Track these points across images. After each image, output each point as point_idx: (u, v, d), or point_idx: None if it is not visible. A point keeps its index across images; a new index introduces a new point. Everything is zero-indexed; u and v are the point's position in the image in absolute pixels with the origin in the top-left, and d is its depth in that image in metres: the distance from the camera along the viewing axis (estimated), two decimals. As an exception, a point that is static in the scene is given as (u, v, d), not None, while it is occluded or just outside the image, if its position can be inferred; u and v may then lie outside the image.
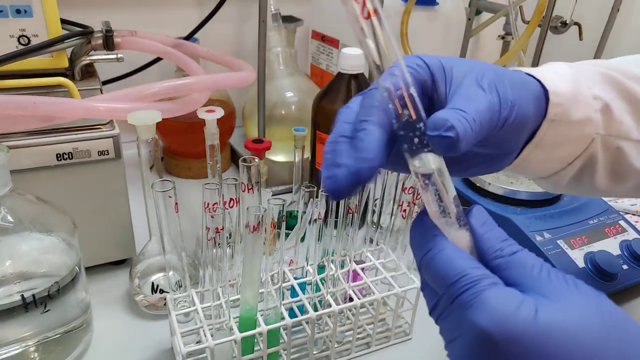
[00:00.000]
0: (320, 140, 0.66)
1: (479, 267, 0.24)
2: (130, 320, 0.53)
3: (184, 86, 0.56)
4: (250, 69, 0.64)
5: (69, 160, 0.50)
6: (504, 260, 0.25)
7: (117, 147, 0.52)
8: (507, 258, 0.25)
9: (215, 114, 0.53)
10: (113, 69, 0.76)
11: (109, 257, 0.58)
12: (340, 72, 0.63)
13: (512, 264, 0.25)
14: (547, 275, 0.24)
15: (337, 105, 0.63)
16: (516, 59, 0.87)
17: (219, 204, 0.44)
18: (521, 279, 0.24)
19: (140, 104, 0.52)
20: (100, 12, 0.79)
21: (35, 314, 0.42)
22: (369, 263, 0.55)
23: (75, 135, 0.50)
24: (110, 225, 0.55)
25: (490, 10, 0.92)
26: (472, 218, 0.27)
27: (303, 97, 0.78)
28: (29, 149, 0.48)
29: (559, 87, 0.34)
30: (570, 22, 0.82)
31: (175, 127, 0.76)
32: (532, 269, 0.24)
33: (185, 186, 0.75)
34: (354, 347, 0.51)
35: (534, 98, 0.33)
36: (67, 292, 0.44)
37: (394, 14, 0.76)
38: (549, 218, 0.65)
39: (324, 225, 0.47)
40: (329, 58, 0.87)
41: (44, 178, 0.50)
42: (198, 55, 0.71)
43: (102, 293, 0.55)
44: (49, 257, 0.44)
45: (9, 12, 0.52)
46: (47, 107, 0.47)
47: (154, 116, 0.47)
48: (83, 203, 0.52)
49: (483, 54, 1.18)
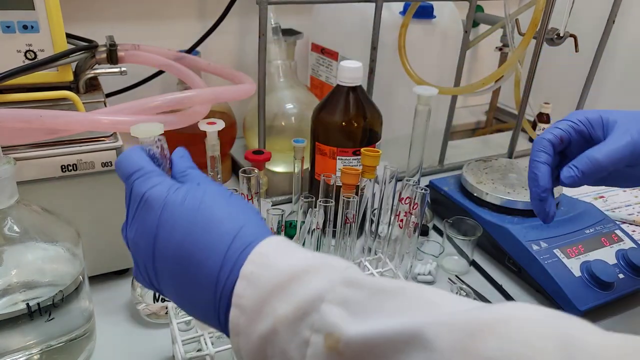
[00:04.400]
0: (319, 151, 0.67)
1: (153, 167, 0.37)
2: (132, 329, 0.54)
3: (186, 99, 0.57)
4: (251, 82, 0.65)
5: (73, 172, 0.52)
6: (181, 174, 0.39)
7: (121, 158, 0.53)
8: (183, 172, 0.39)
9: (216, 126, 0.54)
10: (116, 82, 0.77)
11: (112, 266, 0.59)
12: (339, 84, 0.64)
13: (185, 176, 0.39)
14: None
15: (336, 116, 0.65)
16: (513, 70, 0.88)
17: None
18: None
19: (143, 116, 0.53)
20: (104, 26, 0.81)
21: (39, 322, 0.43)
22: (367, 272, 0.55)
23: (80, 147, 0.51)
24: (113, 235, 0.56)
25: (487, 23, 0.94)
26: (174, 154, 0.42)
27: (303, 109, 0.80)
28: (35, 161, 0.50)
29: None
30: (565, 34, 0.83)
31: (176, 139, 0.77)
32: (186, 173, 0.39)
33: (187, 196, 0.76)
34: (353, 355, 0.51)
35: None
36: (71, 301, 0.45)
37: (392, 27, 0.77)
38: (545, 227, 0.66)
39: (322, 234, 0.48)
40: (329, 70, 0.89)
41: (49, 189, 0.51)
42: (199, 68, 0.73)
43: (104, 302, 0.56)
44: (54, 266, 0.45)
45: (16, 27, 0.54)
46: (53, 120, 0.48)
47: (156, 128, 0.48)
48: (87, 214, 0.53)
49: (480, 66, 1.20)
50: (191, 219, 0.32)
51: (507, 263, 0.66)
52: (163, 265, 0.33)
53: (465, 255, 0.66)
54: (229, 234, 0.31)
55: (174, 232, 0.32)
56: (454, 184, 0.76)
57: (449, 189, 0.75)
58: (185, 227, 0.32)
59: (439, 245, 0.70)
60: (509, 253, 0.65)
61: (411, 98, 0.66)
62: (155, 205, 0.33)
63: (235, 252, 0.31)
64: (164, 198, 0.33)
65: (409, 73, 0.79)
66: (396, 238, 0.57)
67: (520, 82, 0.93)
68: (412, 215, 0.53)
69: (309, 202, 0.49)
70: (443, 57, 0.85)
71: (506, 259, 0.66)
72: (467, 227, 0.66)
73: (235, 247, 0.31)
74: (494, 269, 0.67)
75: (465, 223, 0.67)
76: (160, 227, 0.33)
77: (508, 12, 0.80)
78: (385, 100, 0.78)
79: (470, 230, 0.66)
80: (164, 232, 0.33)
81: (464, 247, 0.66)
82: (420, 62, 0.80)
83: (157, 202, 0.33)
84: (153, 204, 0.33)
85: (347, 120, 0.64)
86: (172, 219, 0.32)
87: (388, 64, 0.80)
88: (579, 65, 0.98)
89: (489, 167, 0.78)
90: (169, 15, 0.85)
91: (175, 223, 0.32)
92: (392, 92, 0.83)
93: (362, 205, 0.54)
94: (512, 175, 0.75)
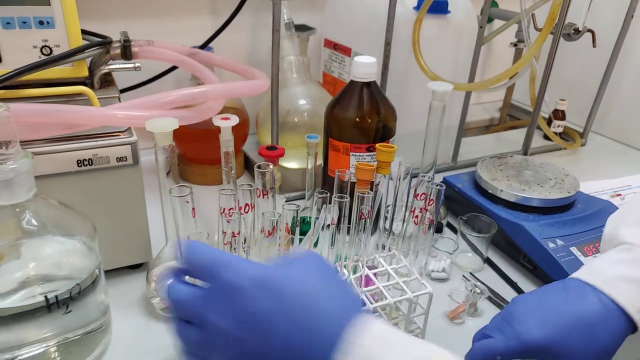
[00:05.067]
0: (332, 147, 0.67)
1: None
2: (147, 323, 0.54)
3: (200, 94, 0.57)
4: (264, 77, 0.65)
5: (89, 167, 0.52)
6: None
7: (135, 153, 0.53)
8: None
9: (230, 122, 0.54)
10: (130, 78, 0.77)
11: (126, 261, 0.59)
12: (353, 80, 0.64)
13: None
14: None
15: (350, 112, 0.64)
16: (529, 66, 0.87)
17: (234, 209, 0.45)
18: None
19: (158, 111, 0.53)
20: (118, 22, 0.81)
21: (57, 315, 0.43)
22: (382, 268, 0.55)
23: (95, 142, 0.52)
24: (128, 229, 0.57)
25: (503, 18, 0.93)
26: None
27: (316, 105, 0.79)
28: (51, 156, 0.50)
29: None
30: (583, 29, 0.82)
31: (190, 135, 0.77)
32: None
33: (200, 192, 0.76)
34: (367, 351, 0.51)
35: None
36: (88, 295, 0.45)
37: (406, 22, 0.77)
38: (561, 225, 0.65)
39: (336, 231, 0.48)
40: (341, 66, 0.89)
41: (65, 183, 0.51)
42: (213, 63, 0.73)
43: (119, 296, 0.56)
44: (70, 260, 0.46)
45: (32, 23, 0.54)
46: (69, 115, 0.48)
47: (171, 123, 0.48)
48: (101, 208, 0.54)
49: (495, 62, 1.19)
50: (295, 312, 0.32)
51: (522, 261, 0.66)
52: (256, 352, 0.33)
53: (479, 252, 0.66)
54: (334, 333, 0.31)
55: (278, 324, 0.32)
56: (468, 181, 0.76)
57: (463, 186, 0.75)
58: (290, 322, 0.32)
59: (453, 242, 0.69)
60: (525, 251, 0.64)
61: (425, 94, 0.65)
62: (257, 294, 0.33)
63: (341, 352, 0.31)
64: (266, 284, 0.33)
65: (423, 69, 0.78)
66: (410, 235, 0.57)
67: (535, 79, 0.92)
68: (427, 212, 0.53)
69: (323, 197, 0.48)
70: (457, 52, 0.84)
71: (521, 257, 0.66)
72: (482, 224, 0.66)
73: (340, 346, 0.31)
74: (508, 267, 0.67)
75: (479, 220, 0.66)
76: (264, 319, 0.32)
77: (524, 7, 0.79)
78: (398, 96, 0.78)
79: (484, 228, 0.65)
80: (267, 324, 0.32)
81: (478, 244, 0.65)
82: (434, 57, 0.79)
83: (257, 290, 0.33)
84: (250, 292, 0.33)
85: (360, 116, 0.64)
86: (275, 311, 0.32)
87: (402, 59, 0.79)
88: (596, 61, 0.97)
89: (503, 163, 0.77)
90: (182, 11, 0.85)
91: (278, 316, 0.32)
92: (406, 88, 0.82)
93: (377, 201, 0.54)
94: (527, 172, 0.74)
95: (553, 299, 0.43)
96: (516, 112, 1.21)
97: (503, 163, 0.77)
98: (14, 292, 0.42)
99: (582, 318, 0.41)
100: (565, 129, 1.05)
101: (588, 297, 0.42)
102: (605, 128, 1.08)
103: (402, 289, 0.51)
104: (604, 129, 1.08)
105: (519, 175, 0.74)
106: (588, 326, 0.41)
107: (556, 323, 0.41)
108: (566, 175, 0.74)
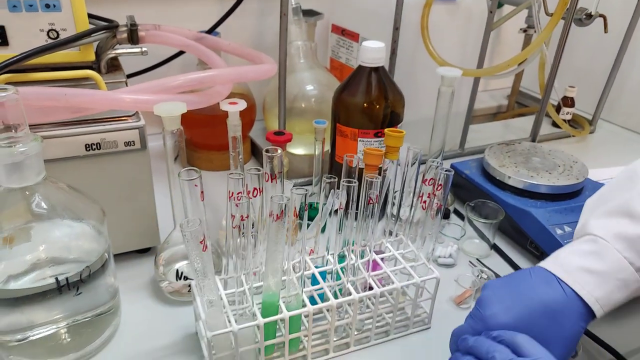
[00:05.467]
0: (340, 133, 0.66)
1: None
2: (155, 306, 0.55)
3: (207, 78, 0.57)
4: (272, 62, 0.65)
5: (97, 151, 0.52)
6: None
7: (143, 138, 0.53)
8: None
9: (238, 106, 0.54)
10: (137, 62, 0.77)
11: (135, 245, 0.59)
12: (361, 64, 0.64)
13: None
14: None
15: (358, 97, 0.64)
16: (538, 52, 0.86)
17: (243, 193, 0.45)
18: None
19: (165, 95, 0.53)
20: (125, 6, 0.80)
21: (68, 296, 0.44)
22: (389, 253, 0.55)
23: (103, 126, 0.52)
24: (136, 214, 0.57)
25: (512, 3, 0.91)
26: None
27: (323, 90, 0.79)
28: (59, 140, 0.50)
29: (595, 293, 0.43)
30: (595, 14, 0.81)
31: (197, 120, 0.77)
32: None
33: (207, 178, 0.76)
34: (374, 334, 0.51)
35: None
36: (98, 277, 0.46)
37: (414, 7, 0.76)
38: (569, 211, 0.65)
39: (344, 216, 0.48)
40: (349, 52, 0.88)
41: (74, 168, 0.51)
42: (220, 48, 0.72)
43: (128, 280, 0.57)
44: (80, 243, 0.46)
45: (39, 6, 0.54)
46: (78, 98, 0.48)
47: (179, 107, 0.48)
48: (110, 192, 0.54)
49: (504, 48, 1.17)
50: None
51: (529, 247, 0.65)
52: None
53: (486, 238, 0.66)
54: None
55: None
56: (475, 168, 0.75)
57: (470, 173, 0.74)
58: None
59: (460, 228, 0.69)
60: (532, 237, 0.64)
61: (433, 80, 0.65)
62: None
63: None
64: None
65: (432, 54, 0.78)
66: (418, 221, 0.56)
67: (545, 65, 0.91)
68: (435, 197, 0.52)
69: (331, 182, 0.48)
70: (466, 38, 0.83)
71: (528, 243, 0.65)
72: (489, 211, 0.66)
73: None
74: (515, 253, 0.67)
75: (486, 206, 0.66)
76: None
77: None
78: (406, 82, 0.77)
79: (491, 214, 0.65)
80: None
81: (485, 230, 0.65)
82: (443, 43, 0.78)
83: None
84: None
85: (369, 102, 0.64)
86: None
87: (410, 45, 0.78)
88: (607, 47, 0.95)
89: (511, 150, 0.77)
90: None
91: None
92: (414, 73, 0.81)
93: (384, 187, 0.54)
94: (535, 159, 0.74)
95: (520, 286, 0.45)
96: (524, 99, 1.20)
97: (511, 150, 0.77)
98: (25, 274, 0.43)
99: (545, 305, 0.43)
100: (574, 116, 1.04)
101: (552, 286, 0.44)
102: (615, 115, 1.07)
103: (410, 273, 0.51)
104: (613, 116, 1.07)
105: (527, 161, 0.73)
106: (551, 312, 0.43)
107: (520, 309, 0.43)
108: (575, 162, 0.74)
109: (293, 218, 0.42)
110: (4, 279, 0.42)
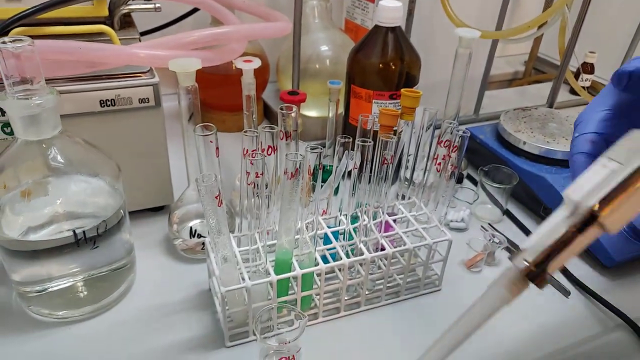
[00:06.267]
0: (354, 95, 0.66)
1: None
2: (169, 263, 0.55)
3: (222, 35, 0.56)
4: (287, 20, 0.63)
5: (112, 107, 0.52)
6: None
7: (157, 95, 0.53)
8: None
9: (253, 64, 0.53)
10: (149, 21, 0.76)
11: (149, 202, 0.60)
12: (378, 24, 0.62)
13: None
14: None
15: (373, 58, 0.63)
16: (559, 15, 0.84)
17: (257, 151, 0.45)
18: None
19: (180, 51, 0.52)
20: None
21: (85, 250, 0.44)
22: (401, 215, 0.55)
23: (118, 82, 0.51)
24: (150, 171, 0.57)
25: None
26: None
27: (338, 51, 0.77)
28: (74, 95, 0.50)
29: None
30: (620, -25, 0.78)
31: (210, 80, 0.76)
32: None
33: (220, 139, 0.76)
34: (384, 295, 0.52)
35: None
36: (114, 233, 0.46)
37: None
38: (585, 178, 0.64)
39: (357, 179, 0.48)
40: (364, 12, 0.86)
41: (88, 124, 0.51)
42: (233, 6, 0.71)
43: (143, 237, 0.58)
44: (95, 199, 0.47)
45: (51, -42, 0.53)
46: (92, 52, 0.48)
47: (194, 63, 0.48)
48: (124, 149, 0.54)
49: (524, 11, 1.14)
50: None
51: (542, 213, 0.65)
52: None
53: (499, 204, 0.65)
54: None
55: None
56: (490, 133, 0.74)
57: (485, 137, 0.73)
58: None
59: (473, 192, 0.69)
60: (546, 203, 0.64)
61: (450, 42, 0.63)
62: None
63: None
64: None
65: (450, 15, 0.76)
66: (431, 185, 0.56)
67: (566, 29, 0.89)
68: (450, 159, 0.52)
69: (345, 143, 0.48)
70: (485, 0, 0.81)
71: (541, 209, 0.65)
72: (503, 176, 0.65)
73: None
74: (527, 219, 0.66)
75: (500, 172, 0.66)
76: None
77: (559, -50, 0.75)
78: (423, 43, 0.75)
79: (505, 179, 0.65)
80: None
81: (498, 195, 0.65)
82: (461, 4, 0.76)
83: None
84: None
85: (384, 62, 0.63)
86: None
87: (427, 5, 0.76)
88: (630, 11, 0.92)
89: (527, 116, 0.75)
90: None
91: None
92: (431, 35, 0.79)
93: (399, 150, 0.53)
94: (552, 125, 0.73)
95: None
96: (542, 65, 1.17)
97: (527, 115, 0.75)
98: (44, 227, 0.44)
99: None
100: (593, 83, 1.01)
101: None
102: (635, 83, 1.04)
103: (422, 235, 0.51)
104: (633, 84, 1.05)
105: (544, 127, 0.72)
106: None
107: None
108: (592, 129, 0.72)
109: (307, 177, 0.42)
110: (24, 230, 0.43)
